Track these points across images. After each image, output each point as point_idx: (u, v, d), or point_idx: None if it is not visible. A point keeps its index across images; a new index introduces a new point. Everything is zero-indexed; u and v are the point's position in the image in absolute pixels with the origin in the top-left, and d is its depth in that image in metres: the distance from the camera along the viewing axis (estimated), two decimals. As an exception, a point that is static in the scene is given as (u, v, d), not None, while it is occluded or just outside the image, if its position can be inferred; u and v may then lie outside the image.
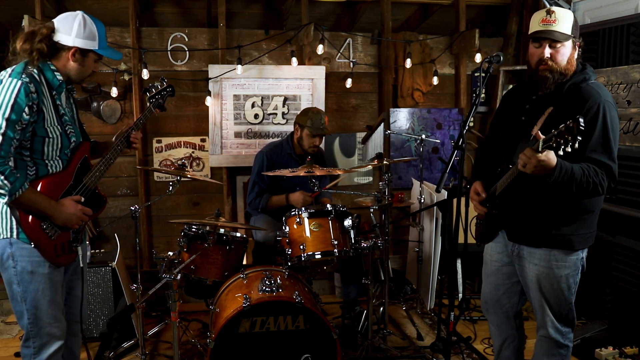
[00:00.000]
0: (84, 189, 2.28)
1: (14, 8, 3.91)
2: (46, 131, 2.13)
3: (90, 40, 2.20)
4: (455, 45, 4.62)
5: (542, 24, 2.13)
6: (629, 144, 3.24)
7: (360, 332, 3.41)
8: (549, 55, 2.14)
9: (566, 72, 2.17)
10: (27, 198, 2.08)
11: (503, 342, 2.51)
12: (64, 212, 2.18)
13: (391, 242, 4.19)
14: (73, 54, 2.18)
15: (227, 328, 2.60)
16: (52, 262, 2.20)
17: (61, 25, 2.17)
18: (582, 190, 2.03)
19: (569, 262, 2.22)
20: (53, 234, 2.19)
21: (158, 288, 2.74)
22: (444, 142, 4.72)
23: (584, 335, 3.39)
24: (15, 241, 2.14)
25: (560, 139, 1.78)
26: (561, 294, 2.25)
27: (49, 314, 2.22)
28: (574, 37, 2.16)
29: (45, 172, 2.18)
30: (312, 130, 3.59)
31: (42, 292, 2.19)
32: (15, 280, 2.18)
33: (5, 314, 4.04)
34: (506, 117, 2.41)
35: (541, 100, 2.24)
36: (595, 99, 2.07)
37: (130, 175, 4.32)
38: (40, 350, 2.23)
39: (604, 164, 2.06)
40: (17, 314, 2.25)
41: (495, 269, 2.45)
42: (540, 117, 2.16)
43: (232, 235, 3.09)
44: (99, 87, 4.13)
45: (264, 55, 4.38)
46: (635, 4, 3.31)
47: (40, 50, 2.12)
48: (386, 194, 3.27)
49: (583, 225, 2.21)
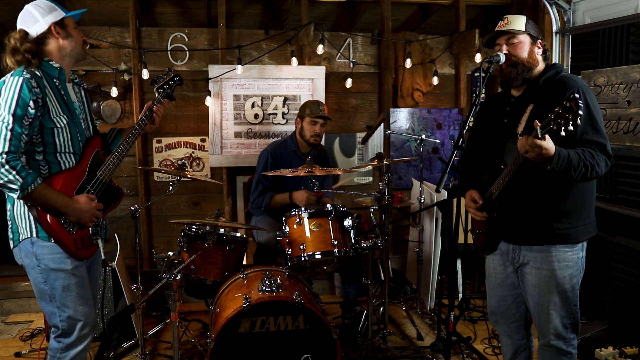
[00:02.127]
0: (98, 183, 2.30)
1: (14, 8, 3.89)
2: (53, 122, 2.15)
3: (54, 11, 2.22)
4: (455, 45, 4.62)
5: (497, 28, 2.32)
6: (629, 144, 3.23)
7: (360, 332, 3.41)
8: (507, 51, 2.26)
9: (529, 65, 2.26)
10: (39, 194, 2.09)
11: (515, 352, 2.49)
12: (78, 209, 2.19)
13: (391, 242, 4.19)
14: (56, 32, 2.21)
15: (227, 328, 2.60)
16: (74, 256, 2.22)
17: (25, 22, 2.22)
18: (582, 176, 2.04)
19: (571, 262, 2.22)
20: (72, 228, 2.21)
21: (158, 288, 2.73)
22: (444, 142, 4.73)
23: (584, 335, 3.39)
24: (35, 240, 2.17)
25: (560, 120, 1.80)
26: (565, 296, 2.24)
27: (79, 311, 2.25)
28: (529, 34, 2.28)
29: (58, 169, 2.20)
30: (311, 114, 3.61)
31: (68, 288, 2.22)
32: (41, 279, 2.20)
33: (5, 314, 4.04)
34: (488, 123, 2.44)
35: (520, 100, 2.30)
36: (572, 85, 2.14)
37: (130, 175, 4.32)
38: (70, 347, 2.26)
39: (598, 142, 2.10)
40: (48, 314, 2.27)
41: (500, 281, 2.44)
42: (522, 116, 2.22)
43: (232, 235, 3.09)
44: (99, 87, 4.13)
45: (264, 55, 4.38)
46: (635, 4, 3.31)
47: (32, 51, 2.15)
48: (386, 194, 3.27)
49: (581, 216, 2.23)
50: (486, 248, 2.47)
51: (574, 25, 3.80)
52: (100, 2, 4.18)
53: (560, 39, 3.95)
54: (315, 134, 3.65)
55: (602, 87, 3.42)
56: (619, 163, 3.37)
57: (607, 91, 3.37)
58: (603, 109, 3.40)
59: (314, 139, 3.67)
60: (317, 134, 3.66)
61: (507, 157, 2.25)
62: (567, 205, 2.20)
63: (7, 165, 2.01)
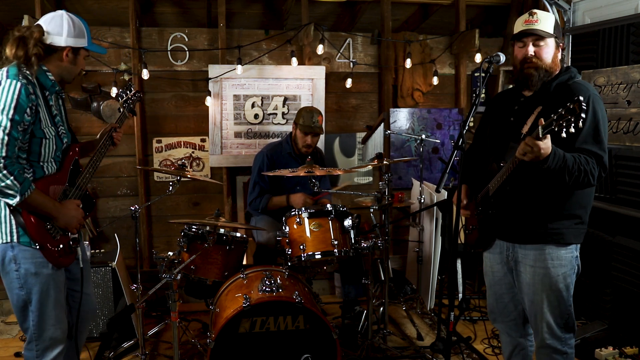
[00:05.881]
0: (78, 190, 2.31)
1: (14, 8, 3.91)
2: (43, 132, 2.15)
3: (80, 38, 2.24)
4: (455, 45, 4.62)
5: (526, 24, 2.21)
6: (629, 144, 3.23)
7: (360, 332, 3.41)
8: (533, 52, 2.20)
9: (551, 70, 2.23)
10: (33, 199, 2.09)
11: (513, 350, 2.51)
12: (67, 215, 2.21)
13: (391, 242, 4.20)
14: (66, 53, 2.22)
15: (227, 328, 2.60)
16: (55, 263, 2.21)
17: (50, 26, 2.18)
18: (574, 180, 2.04)
19: (565, 260, 2.23)
20: (56, 234, 2.21)
21: (158, 288, 2.74)
22: (444, 142, 4.73)
23: (584, 335, 3.39)
24: (16, 244, 2.15)
25: (562, 121, 1.80)
26: (560, 295, 2.24)
27: (53, 316, 2.23)
28: (556, 37, 2.22)
29: (42, 174, 2.20)
30: (303, 128, 3.58)
31: (46, 293, 2.20)
32: (17, 284, 2.18)
33: (5, 314, 4.04)
34: (495, 120, 2.43)
35: (529, 100, 2.28)
36: (583, 93, 2.12)
37: (130, 175, 4.32)
38: (44, 353, 2.24)
39: (595, 153, 2.10)
40: (20, 319, 2.25)
41: (498, 279, 2.45)
42: (529, 116, 2.20)
43: (232, 236, 3.09)
44: (99, 87, 4.12)
45: (264, 55, 4.38)
46: (635, 4, 3.31)
47: (37, 54, 2.13)
48: (386, 194, 3.27)
49: (577, 220, 2.23)
50: (480, 245, 2.48)
51: (574, 25, 3.79)
52: (100, 2, 4.18)
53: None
54: (306, 144, 3.62)
55: (602, 87, 3.42)
56: (619, 163, 3.37)
57: (607, 91, 3.37)
58: (603, 109, 3.40)
59: (304, 150, 3.64)
60: (307, 145, 3.62)
61: (508, 155, 2.25)
62: (563, 209, 2.20)
63: (4, 170, 2.00)
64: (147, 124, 4.29)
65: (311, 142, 3.64)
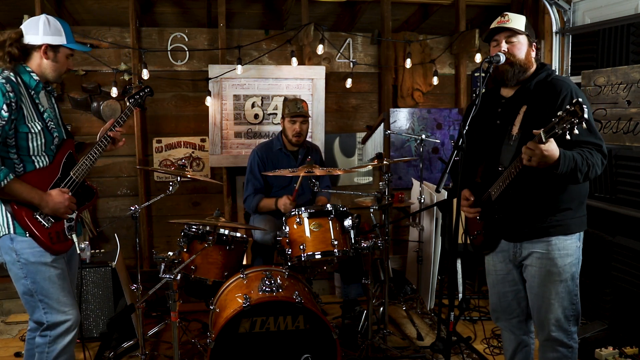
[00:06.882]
0: (72, 181, 2.37)
1: (14, 8, 3.91)
2: (28, 127, 2.22)
3: (57, 35, 2.30)
4: (455, 45, 4.62)
5: (498, 24, 2.31)
6: (628, 144, 3.23)
7: (360, 332, 3.41)
8: (506, 49, 2.27)
9: (525, 66, 2.28)
10: (11, 188, 2.16)
11: (516, 348, 2.51)
12: (51, 201, 2.26)
13: (391, 242, 4.20)
14: (45, 51, 2.29)
15: (227, 328, 2.60)
16: (49, 250, 2.28)
17: (28, 28, 2.29)
18: (584, 176, 2.07)
19: (570, 250, 2.26)
20: (47, 222, 2.28)
21: (158, 288, 2.74)
22: (444, 142, 4.73)
23: (584, 335, 3.39)
24: (14, 236, 2.24)
25: (565, 124, 1.82)
26: (567, 285, 2.26)
27: (61, 302, 2.31)
28: (528, 35, 2.29)
29: (33, 167, 2.28)
30: (290, 114, 3.58)
31: (49, 280, 2.28)
32: (22, 275, 2.26)
33: (5, 314, 4.04)
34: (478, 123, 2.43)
35: (511, 101, 2.32)
36: (566, 87, 2.17)
37: (130, 175, 4.32)
38: (56, 339, 2.31)
39: (594, 143, 2.12)
40: (30, 309, 2.32)
41: (501, 278, 2.46)
42: (515, 117, 2.24)
43: (232, 235, 3.09)
44: (99, 87, 4.13)
45: (264, 55, 4.38)
46: (635, 4, 3.31)
47: (10, 53, 2.22)
48: (386, 194, 3.27)
49: (578, 210, 2.28)
50: (486, 247, 2.48)
51: (574, 25, 3.80)
52: (100, 2, 4.17)
53: (560, 39, 3.96)
54: (295, 133, 3.59)
55: (602, 87, 3.42)
56: (619, 163, 3.37)
57: (607, 91, 3.37)
58: (603, 109, 3.40)
59: (295, 139, 3.61)
60: (297, 132, 3.58)
61: (503, 158, 2.28)
62: (564, 201, 2.23)
63: None
64: (147, 124, 4.29)
65: (300, 129, 3.59)
